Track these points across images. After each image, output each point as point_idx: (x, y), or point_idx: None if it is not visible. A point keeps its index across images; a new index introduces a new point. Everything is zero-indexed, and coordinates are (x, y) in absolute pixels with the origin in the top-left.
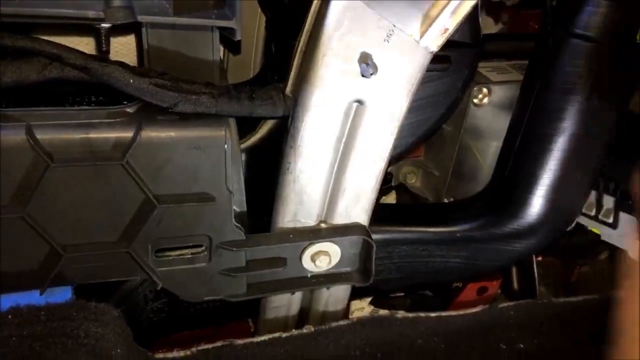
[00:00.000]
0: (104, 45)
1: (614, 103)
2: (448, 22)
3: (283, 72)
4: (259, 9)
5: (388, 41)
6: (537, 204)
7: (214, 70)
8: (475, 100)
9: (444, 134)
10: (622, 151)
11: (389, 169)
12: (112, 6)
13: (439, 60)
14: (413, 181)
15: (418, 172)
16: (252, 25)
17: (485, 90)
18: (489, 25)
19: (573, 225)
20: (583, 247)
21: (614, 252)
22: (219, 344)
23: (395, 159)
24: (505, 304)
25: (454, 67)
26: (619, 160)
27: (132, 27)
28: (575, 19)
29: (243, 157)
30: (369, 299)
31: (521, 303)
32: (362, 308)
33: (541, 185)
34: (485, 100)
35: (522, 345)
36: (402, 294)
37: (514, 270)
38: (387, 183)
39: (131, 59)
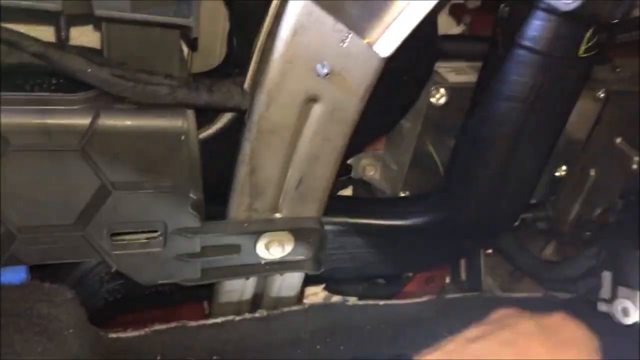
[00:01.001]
0: (63, 34)
1: (556, 112)
2: (402, 28)
3: (243, 66)
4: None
5: (343, 44)
6: (481, 202)
7: (174, 62)
8: (433, 100)
9: (403, 130)
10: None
11: (349, 161)
12: None
13: (395, 61)
14: (372, 174)
15: (377, 165)
16: (219, 15)
17: (442, 90)
18: (450, 27)
19: (517, 222)
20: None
21: (560, 245)
22: (172, 324)
23: (353, 152)
24: (451, 296)
25: (409, 68)
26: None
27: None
28: (522, 30)
29: (201, 146)
30: (323, 285)
31: (467, 295)
32: (316, 293)
33: (485, 186)
34: (443, 100)
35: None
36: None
37: (462, 262)
38: (346, 175)
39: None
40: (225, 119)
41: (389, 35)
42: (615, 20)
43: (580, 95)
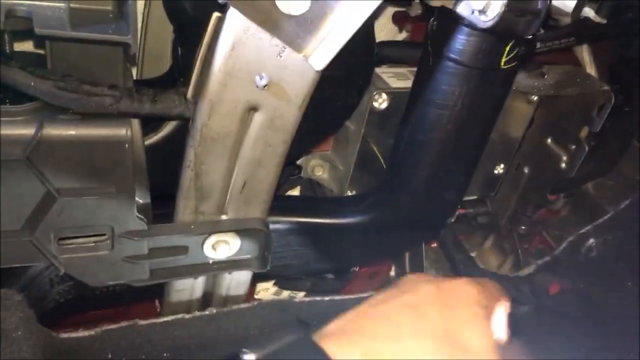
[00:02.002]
0: (7, 49)
1: (482, 118)
2: (334, 42)
3: (187, 75)
4: None
5: (280, 57)
6: (417, 202)
7: (117, 73)
8: (375, 104)
9: (348, 133)
10: None
11: (298, 161)
12: (13, 15)
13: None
14: (320, 174)
15: (325, 165)
16: (168, 25)
17: (384, 95)
18: (394, 34)
19: (454, 218)
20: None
21: (499, 240)
22: (123, 324)
23: (300, 154)
24: None
25: (348, 76)
26: None
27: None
28: (449, 44)
29: (147, 153)
30: (273, 281)
31: None
32: (267, 289)
33: (420, 186)
34: (384, 104)
35: None
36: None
37: (406, 256)
38: (296, 175)
39: None
40: (171, 126)
41: (323, 49)
42: (530, 36)
43: (504, 102)
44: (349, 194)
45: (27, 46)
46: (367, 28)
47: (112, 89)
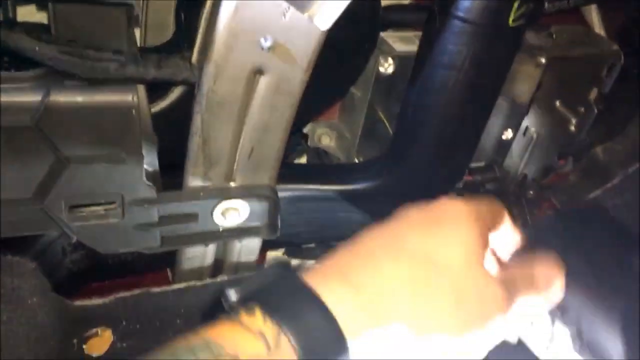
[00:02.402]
0: (10, 14)
1: (490, 80)
2: (339, 1)
3: (191, 40)
4: None
5: (284, 18)
6: (424, 167)
7: (122, 38)
8: (381, 69)
9: (355, 99)
10: None
11: (305, 130)
12: None
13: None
14: (327, 142)
15: (332, 134)
16: None
17: (390, 59)
18: None
19: (461, 184)
20: None
21: (507, 206)
22: (136, 291)
23: (306, 121)
24: None
25: (352, 40)
26: None
27: None
28: (456, 2)
29: (154, 120)
30: (283, 250)
31: None
32: (277, 257)
33: (428, 150)
34: (390, 69)
35: None
36: (313, 245)
37: None
38: (301, 144)
39: None
40: (176, 92)
41: (328, 9)
42: None
43: (512, 62)
44: (357, 162)
45: (29, 10)
46: None
47: (116, 54)
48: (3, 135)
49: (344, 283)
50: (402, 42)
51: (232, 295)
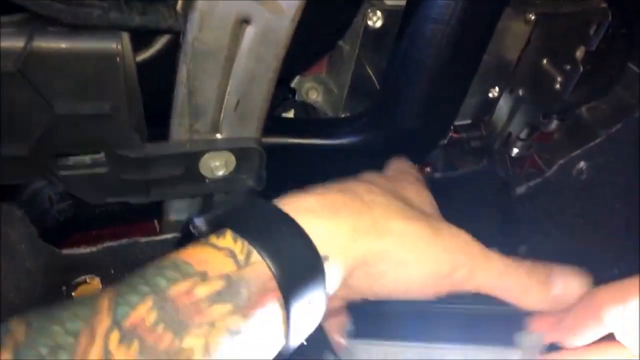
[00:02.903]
0: None
1: (477, 35)
2: None
3: None
4: None
5: None
6: (410, 119)
7: None
8: (370, 22)
9: (343, 53)
10: None
11: (292, 84)
12: None
13: None
14: (314, 97)
15: (320, 88)
16: None
17: (379, 13)
18: None
19: (446, 140)
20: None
21: (492, 163)
22: (123, 241)
23: (293, 74)
24: None
25: None
26: None
27: None
28: None
29: (139, 70)
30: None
31: None
32: None
33: (414, 103)
34: (379, 23)
35: None
36: None
37: None
38: (289, 99)
39: None
40: (161, 41)
41: None
42: None
43: (499, 17)
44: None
45: None
46: None
47: (100, 1)
48: None
49: (321, 205)
50: None
51: (201, 223)
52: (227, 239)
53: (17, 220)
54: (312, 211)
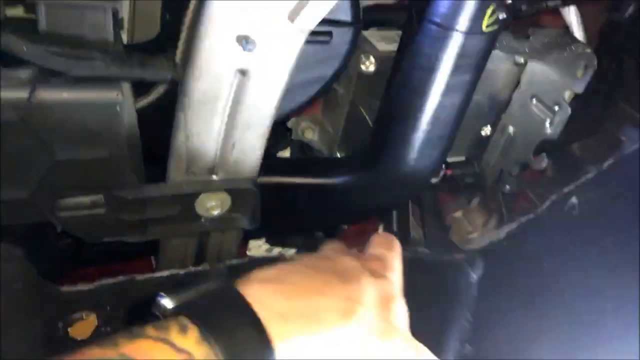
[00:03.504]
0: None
1: (465, 80)
2: (321, 5)
3: (176, 39)
4: None
5: (266, 20)
6: (401, 162)
7: (108, 38)
8: (363, 67)
9: (337, 96)
10: None
11: (288, 124)
12: None
13: (319, 34)
14: (310, 136)
15: (315, 128)
16: None
17: (372, 58)
18: None
19: (438, 179)
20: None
21: (484, 200)
22: (120, 278)
23: (288, 116)
24: None
25: (334, 40)
26: None
27: None
28: (431, 7)
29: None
30: (264, 239)
31: None
32: (260, 246)
33: (404, 146)
34: (372, 67)
35: None
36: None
37: (394, 214)
38: (285, 138)
39: None
40: (160, 89)
41: (309, 13)
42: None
43: (486, 64)
44: (339, 155)
45: (18, 12)
46: None
47: (102, 53)
48: None
49: (277, 293)
50: (384, 41)
51: (167, 303)
52: (189, 339)
53: (15, 259)
54: (270, 300)
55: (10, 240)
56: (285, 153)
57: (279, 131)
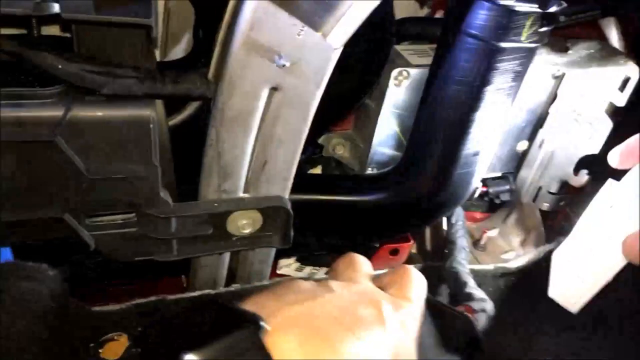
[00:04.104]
0: (35, 33)
1: (503, 95)
2: (352, 21)
3: (209, 56)
4: None
5: (299, 36)
6: (435, 180)
7: (140, 55)
8: (395, 82)
9: (369, 110)
10: None
11: (320, 140)
12: (40, 2)
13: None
14: (341, 152)
15: (346, 144)
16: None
17: (405, 72)
18: (415, 9)
19: (476, 195)
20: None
21: (522, 217)
22: (152, 298)
23: (320, 134)
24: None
25: (366, 55)
26: None
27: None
28: (468, 20)
29: (171, 133)
30: (295, 257)
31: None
32: (290, 264)
33: (439, 164)
34: (405, 82)
35: None
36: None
37: (427, 232)
38: (317, 154)
39: None
40: (193, 107)
41: (341, 27)
42: (550, 11)
43: (524, 77)
44: (370, 171)
45: (53, 30)
46: (386, 4)
47: (135, 71)
48: (27, 149)
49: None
50: (417, 55)
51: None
52: None
53: (48, 279)
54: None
55: (43, 259)
56: (316, 170)
57: (311, 147)
